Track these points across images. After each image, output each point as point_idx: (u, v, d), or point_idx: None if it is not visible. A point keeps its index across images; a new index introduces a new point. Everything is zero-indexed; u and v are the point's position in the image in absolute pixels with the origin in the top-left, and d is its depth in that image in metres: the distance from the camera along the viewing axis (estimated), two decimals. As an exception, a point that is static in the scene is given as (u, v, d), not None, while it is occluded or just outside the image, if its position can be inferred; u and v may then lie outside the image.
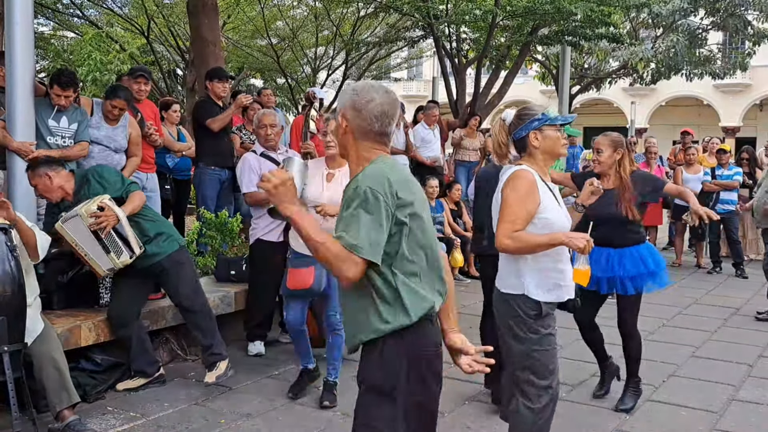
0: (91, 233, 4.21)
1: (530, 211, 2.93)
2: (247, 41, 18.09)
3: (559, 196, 3.13)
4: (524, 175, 2.97)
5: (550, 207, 2.97)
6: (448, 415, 4.28)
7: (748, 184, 9.92)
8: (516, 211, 2.93)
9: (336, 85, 18.08)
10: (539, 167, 3.04)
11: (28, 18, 4.78)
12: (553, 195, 3.04)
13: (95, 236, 4.21)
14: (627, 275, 4.23)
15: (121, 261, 4.30)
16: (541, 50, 16.11)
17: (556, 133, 3.02)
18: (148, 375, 4.58)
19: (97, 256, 4.26)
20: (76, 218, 4.21)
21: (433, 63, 22.85)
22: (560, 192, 3.38)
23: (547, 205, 2.97)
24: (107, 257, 4.26)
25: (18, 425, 3.52)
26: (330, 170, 4.41)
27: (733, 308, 7.30)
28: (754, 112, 30.87)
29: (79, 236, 4.21)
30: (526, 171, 2.98)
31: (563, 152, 3.12)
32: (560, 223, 2.99)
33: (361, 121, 2.32)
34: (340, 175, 4.34)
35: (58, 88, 5.09)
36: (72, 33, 18.27)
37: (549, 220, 2.95)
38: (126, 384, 4.54)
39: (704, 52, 17.15)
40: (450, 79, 13.00)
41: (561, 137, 3.05)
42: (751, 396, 4.76)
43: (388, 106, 2.34)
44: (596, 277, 4.13)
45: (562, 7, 10.35)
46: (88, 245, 4.23)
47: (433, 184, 8.50)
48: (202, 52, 9.23)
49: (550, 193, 3.02)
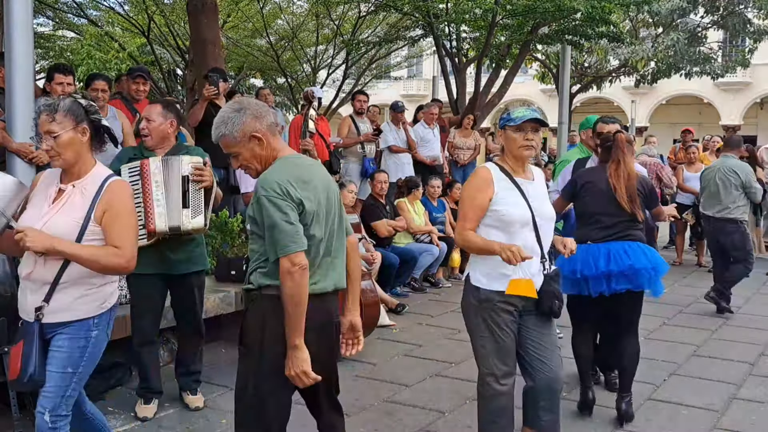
0: (181, 182, 3.93)
1: (480, 206, 3.12)
2: (247, 40, 18.08)
3: (536, 191, 3.20)
4: (478, 173, 3.22)
5: (507, 201, 3.10)
6: (449, 414, 4.29)
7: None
8: (466, 209, 3.18)
9: (336, 85, 18.07)
10: (508, 164, 3.20)
11: (28, 18, 4.77)
12: (519, 190, 3.12)
13: (182, 187, 3.93)
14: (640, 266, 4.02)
15: (194, 223, 3.96)
16: (541, 49, 16.09)
17: (514, 134, 3.13)
18: (160, 393, 4.31)
19: (170, 206, 3.92)
20: (176, 160, 3.95)
21: (433, 62, 22.84)
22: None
23: (504, 199, 3.10)
24: (181, 212, 3.92)
25: (19, 426, 3.52)
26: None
27: (734, 307, 7.29)
28: (754, 110, 30.86)
29: (167, 177, 3.91)
30: (483, 168, 3.22)
31: (522, 154, 3.15)
32: (514, 217, 3.08)
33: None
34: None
35: (61, 75, 5.11)
36: (72, 33, 18.26)
37: (500, 213, 3.09)
38: (144, 410, 4.17)
39: (704, 51, 17.13)
40: (450, 78, 13.00)
41: (521, 138, 3.10)
42: (752, 395, 4.75)
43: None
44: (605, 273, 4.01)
45: (562, 5, 10.35)
46: (170, 191, 3.92)
47: (436, 183, 8.52)
48: (202, 52, 9.23)
49: (515, 189, 3.12)
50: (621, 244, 4.07)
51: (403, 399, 4.53)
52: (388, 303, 6.78)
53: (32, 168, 4.91)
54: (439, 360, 5.35)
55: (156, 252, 4.01)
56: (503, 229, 3.10)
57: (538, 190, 3.23)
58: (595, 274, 4.02)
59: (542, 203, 3.20)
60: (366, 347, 5.58)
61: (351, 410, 4.30)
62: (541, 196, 3.24)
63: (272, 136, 2.70)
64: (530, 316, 3.18)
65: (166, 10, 15.57)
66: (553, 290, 3.15)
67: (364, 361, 5.29)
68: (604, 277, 4.02)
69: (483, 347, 3.16)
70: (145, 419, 4.11)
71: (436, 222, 8.38)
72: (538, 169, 3.36)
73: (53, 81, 5.14)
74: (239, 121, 2.64)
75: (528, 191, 3.16)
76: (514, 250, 2.92)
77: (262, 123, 2.67)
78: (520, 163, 3.20)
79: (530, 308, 3.16)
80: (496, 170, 3.19)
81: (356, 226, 5.48)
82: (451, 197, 8.95)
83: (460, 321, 6.29)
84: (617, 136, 4.19)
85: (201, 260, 4.30)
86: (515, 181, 3.15)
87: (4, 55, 4.87)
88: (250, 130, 2.64)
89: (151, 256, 3.97)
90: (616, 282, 4.02)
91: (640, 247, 4.10)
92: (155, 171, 3.95)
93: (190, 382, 4.36)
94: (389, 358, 5.41)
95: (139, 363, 4.23)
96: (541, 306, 3.13)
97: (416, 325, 6.43)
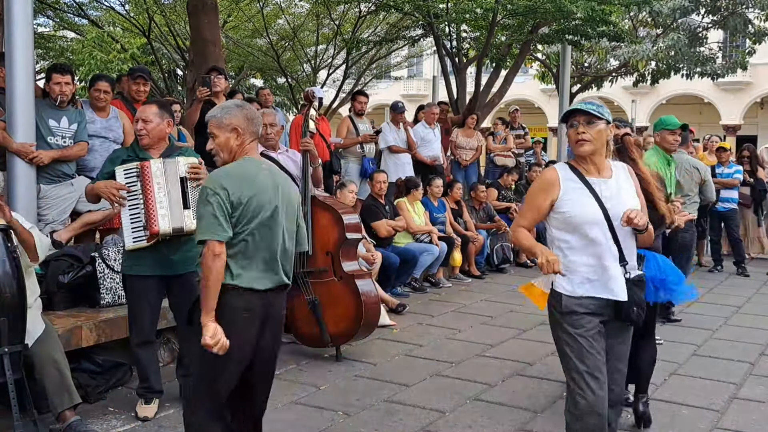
0: (179, 183, 3.93)
1: (540, 207, 3.03)
2: (247, 40, 18.08)
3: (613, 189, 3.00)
4: (544, 173, 3.11)
5: (574, 202, 2.96)
6: (450, 414, 4.29)
7: (749, 182, 9.91)
8: (525, 208, 3.15)
9: (336, 85, 18.07)
10: (580, 164, 3.03)
11: (28, 18, 4.77)
12: (591, 189, 2.97)
13: (181, 188, 3.93)
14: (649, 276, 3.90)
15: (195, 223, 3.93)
16: (542, 49, 16.09)
17: (569, 131, 3.00)
18: (161, 392, 4.29)
19: (171, 207, 3.91)
20: (172, 162, 3.95)
21: (434, 62, 22.82)
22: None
23: (570, 199, 2.97)
24: (182, 213, 3.92)
25: (19, 426, 3.52)
26: None
27: (734, 306, 7.29)
28: (754, 110, 30.82)
29: (167, 179, 3.91)
30: (549, 169, 3.13)
31: (577, 150, 2.99)
32: (581, 219, 2.94)
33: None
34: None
35: (58, 75, 5.11)
36: (73, 33, 18.27)
37: (565, 214, 2.98)
38: (145, 410, 4.15)
39: (704, 51, 17.12)
40: (450, 78, 13.00)
41: (573, 134, 2.96)
42: (752, 394, 4.75)
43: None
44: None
45: (562, 6, 10.35)
46: (170, 192, 3.92)
47: (438, 183, 8.53)
48: (202, 52, 9.23)
49: (585, 189, 2.97)
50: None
51: (403, 399, 4.53)
52: (388, 303, 6.78)
53: (32, 168, 4.92)
54: (440, 360, 5.35)
55: (153, 253, 4.00)
56: (572, 230, 2.97)
57: (616, 189, 3.01)
58: None
59: (621, 202, 2.96)
60: (366, 347, 5.61)
61: (351, 410, 4.30)
62: (621, 194, 3.00)
63: (249, 140, 3.02)
64: (610, 323, 3.03)
65: (166, 10, 15.58)
66: (633, 295, 2.94)
67: (365, 361, 5.29)
68: None
69: (567, 357, 2.97)
70: (145, 419, 4.10)
71: (436, 222, 8.38)
72: (622, 165, 3.16)
73: (51, 81, 5.14)
74: (234, 113, 2.99)
75: (601, 190, 2.97)
76: (551, 260, 2.81)
77: (249, 125, 3.00)
78: (586, 161, 3.00)
79: (609, 315, 3.00)
80: (565, 170, 3.03)
81: (356, 226, 5.49)
82: (452, 197, 8.95)
83: (460, 321, 6.29)
84: (625, 139, 4.11)
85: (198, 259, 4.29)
86: (586, 180, 2.99)
87: (5, 55, 4.87)
88: (236, 123, 2.97)
89: (148, 257, 3.98)
90: None
91: (655, 257, 3.98)
92: (157, 173, 3.94)
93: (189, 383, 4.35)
94: (390, 358, 5.41)
95: (138, 363, 4.22)
96: (621, 311, 2.96)
97: (417, 325, 6.43)
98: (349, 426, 4.08)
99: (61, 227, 5.09)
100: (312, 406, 4.37)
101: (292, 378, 4.88)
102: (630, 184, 3.09)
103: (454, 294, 7.90)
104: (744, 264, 9.39)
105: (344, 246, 5.28)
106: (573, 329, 2.95)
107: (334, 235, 5.27)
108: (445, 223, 8.54)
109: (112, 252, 4.79)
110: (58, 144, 5.17)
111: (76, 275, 4.68)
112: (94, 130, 5.49)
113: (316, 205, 5.33)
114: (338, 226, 5.27)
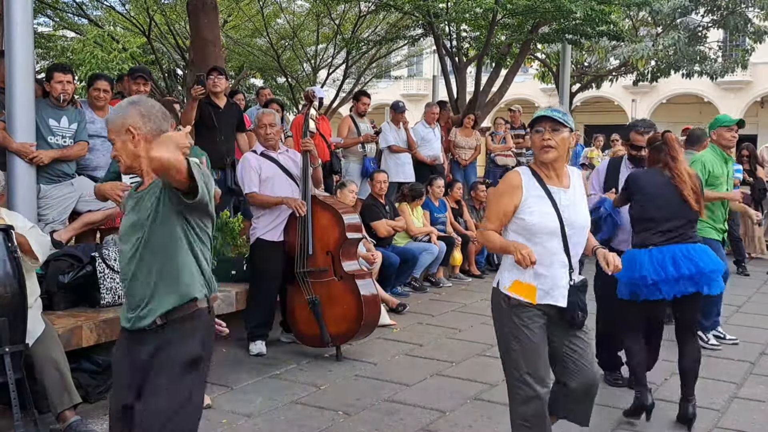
0: None
1: (504, 211, 3.06)
2: (247, 40, 18.08)
3: (570, 198, 3.06)
4: (508, 177, 3.14)
5: (534, 210, 3.00)
6: (450, 413, 4.29)
7: (749, 182, 9.91)
8: (490, 210, 3.15)
9: (336, 84, 18.07)
10: (541, 170, 3.08)
11: (28, 18, 4.77)
12: (550, 198, 3.02)
13: None
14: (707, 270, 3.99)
15: None
16: (542, 48, 16.09)
17: (534, 136, 3.05)
18: None
19: None
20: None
21: (434, 61, 22.84)
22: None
23: (531, 207, 3.01)
24: None
25: (20, 426, 3.52)
26: None
27: (734, 306, 7.29)
28: (754, 109, 30.83)
29: None
30: (513, 173, 3.13)
31: (541, 157, 3.03)
32: (540, 228, 3.00)
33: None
34: None
35: (60, 74, 5.11)
36: (73, 32, 18.26)
37: (525, 222, 3.02)
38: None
39: (704, 50, 17.12)
40: (450, 77, 13.00)
41: (539, 140, 3.01)
42: (752, 393, 4.76)
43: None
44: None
45: (562, 5, 10.35)
46: None
47: (440, 184, 8.54)
48: (202, 52, 9.23)
49: (545, 197, 3.02)
50: (684, 246, 3.99)
51: (403, 398, 4.53)
52: (388, 302, 6.78)
53: (32, 168, 4.92)
54: (440, 359, 5.35)
55: None
56: (528, 237, 3.01)
57: (573, 198, 3.08)
58: (665, 278, 3.93)
59: (576, 211, 3.07)
60: (367, 347, 5.61)
61: (351, 410, 4.30)
62: (576, 203, 3.09)
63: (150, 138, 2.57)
64: (557, 324, 3.12)
65: (166, 10, 15.58)
66: (577, 301, 3.06)
67: (365, 360, 5.29)
68: (674, 280, 3.93)
69: (513, 350, 3.08)
70: None
71: (437, 222, 8.39)
72: (577, 171, 3.21)
73: (53, 80, 5.15)
74: (125, 111, 2.58)
75: (560, 199, 3.03)
76: (525, 254, 2.87)
77: (146, 123, 2.57)
78: (548, 167, 3.05)
79: (556, 317, 3.10)
80: (528, 175, 3.06)
81: (357, 226, 5.49)
82: (452, 197, 8.95)
83: (460, 320, 6.28)
84: (666, 136, 4.10)
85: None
86: (546, 188, 3.03)
87: (5, 55, 4.87)
88: (129, 123, 2.55)
89: None
90: (684, 285, 3.96)
91: (704, 249, 4.05)
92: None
93: None
94: (390, 358, 5.41)
95: None
96: (565, 315, 3.07)
97: (417, 324, 6.43)
98: (350, 426, 4.08)
99: (61, 227, 5.09)
100: (312, 405, 4.37)
101: (292, 378, 4.88)
102: (582, 192, 3.19)
103: (454, 293, 7.90)
104: (744, 263, 9.38)
105: (345, 246, 5.29)
106: (519, 320, 3.06)
107: (335, 235, 5.27)
108: (446, 222, 8.54)
109: (113, 252, 4.78)
110: (58, 144, 5.17)
111: (76, 275, 4.67)
112: (94, 130, 5.49)
113: (317, 204, 5.33)
114: (339, 226, 5.28)
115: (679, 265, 3.94)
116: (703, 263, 3.97)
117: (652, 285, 3.97)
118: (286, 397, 4.48)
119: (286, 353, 5.44)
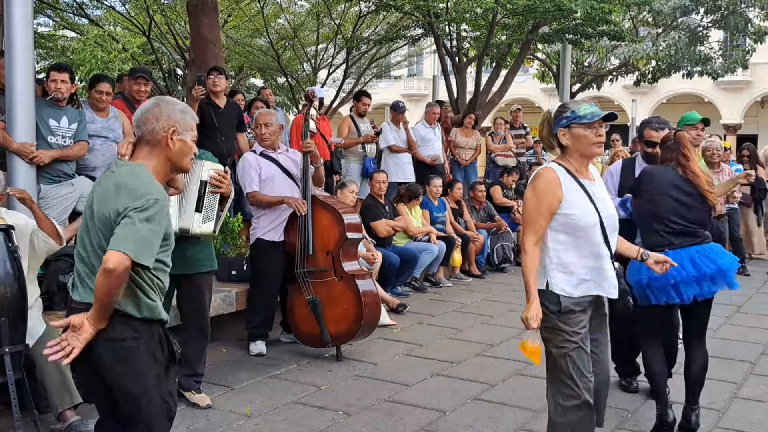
0: (198, 186, 3.94)
1: (550, 209, 2.97)
2: (247, 40, 18.08)
3: (602, 192, 3.09)
4: (543, 174, 3.01)
5: (577, 204, 2.97)
6: (450, 414, 4.29)
7: (749, 182, 9.88)
8: (533, 217, 2.99)
9: (336, 84, 18.08)
10: (572, 165, 3.04)
11: (28, 18, 4.77)
12: (586, 192, 3.00)
13: (198, 191, 3.94)
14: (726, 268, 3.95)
15: (203, 228, 4.00)
16: (542, 48, 16.09)
17: (585, 131, 2.97)
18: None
19: (183, 208, 3.95)
20: (198, 164, 3.89)
21: (434, 61, 22.82)
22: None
23: (572, 202, 2.97)
24: (192, 215, 3.96)
25: (20, 426, 3.52)
26: None
27: (735, 306, 7.28)
28: (755, 109, 30.83)
29: (186, 178, 3.83)
30: (547, 169, 3.03)
31: (595, 152, 3.01)
32: (584, 221, 2.97)
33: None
34: None
35: (55, 72, 5.13)
36: (73, 32, 18.27)
37: (570, 216, 2.97)
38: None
39: (705, 50, 17.12)
40: (450, 77, 13.00)
41: (594, 135, 2.96)
42: (753, 393, 4.76)
43: None
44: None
45: (562, 5, 10.35)
46: (186, 192, 3.91)
47: (437, 183, 8.53)
48: (202, 52, 9.22)
49: (582, 191, 3.00)
50: (701, 247, 3.94)
51: (404, 398, 4.53)
52: (388, 302, 6.78)
53: (33, 168, 4.92)
54: (440, 359, 5.35)
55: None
56: (572, 233, 2.98)
57: (601, 191, 3.09)
58: (686, 278, 3.85)
59: (606, 203, 3.08)
60: (367, 347, 5.60)
61: (351, 410, 4.30)
62: (604, 195, 3.11)
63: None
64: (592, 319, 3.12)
65: (166, 10, 15.58)
66: (625, 287, 3.16)
67: (365, 360, 5.29)
68: (695, 281, 3.87)
69: (564, 358, 2.99)
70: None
71: (436, 222, 8.38)
72: (594, 167, 3.19)
73: (48, 78, 5.17)
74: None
75: (593, 192, 3.03)
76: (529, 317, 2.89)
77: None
78: (585, 162, 3.05)
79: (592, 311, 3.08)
80: (561, 171, 3.01)
81: (357, 226, 5.49)
82: (452, 197, 8.95)
83: (460, 320, 6.27)
84: (679, 135, 4.05)
85: (209, 260, 4.35)
86: (580, 182, 3.01)
87: (4, 55, 4.87)
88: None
89: None
90: (707, 286, 3.91)
91: (718, 246, 4.01)
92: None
93: (192, 382, 4.37)
94: (390, 358, 5.41)
95: None
96: (617, 303, 3.10)
97: (417, 324, 6.43)
98: (350, 426, 4.08)
99: (61, 227, 5.09)
100: (312, 405, 4.37)
101: (292, 378, 4.88)
102: (605, 188, 3.20)
103: (454, 293, 7.90)
104: (744, 263, 9.38)
105: (345, 246, 5.29)
106: (569, 328, 2.99)
107: (335, 235, 5.27)
108: (446, 222, 8.54)
109: (113, 252, 4.79)
110: (59, 144, 5.17)
111: (76, 275, 4.67)
112: (94, 130, 5.49)
113: (317, 204, 5.33)
114: (339, 226, 5.28)
115: (698, 264, 3.86)
116: (722, 261, 3.92)
117: (671, 287, 3.87)
118: (286, 397, 4.49)
119: (286, 353, 5.44)
